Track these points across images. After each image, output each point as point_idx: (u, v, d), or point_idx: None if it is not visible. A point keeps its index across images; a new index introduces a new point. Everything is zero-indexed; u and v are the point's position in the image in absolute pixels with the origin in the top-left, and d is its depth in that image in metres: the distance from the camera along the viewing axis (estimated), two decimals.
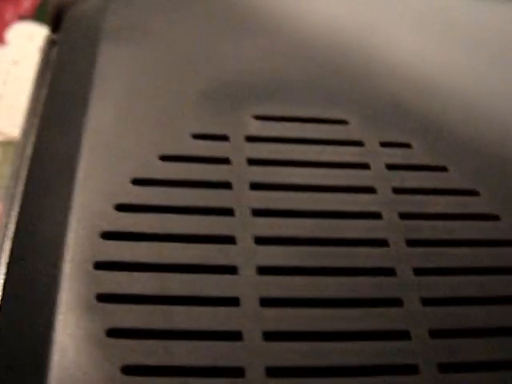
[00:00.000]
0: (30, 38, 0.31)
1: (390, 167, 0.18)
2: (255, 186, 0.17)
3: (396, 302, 0.15)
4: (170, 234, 0.15)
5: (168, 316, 0.14)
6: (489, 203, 0.17)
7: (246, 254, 0.15)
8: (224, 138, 0.17)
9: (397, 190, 0.17)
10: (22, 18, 0.32)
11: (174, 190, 0.16)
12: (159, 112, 0.18)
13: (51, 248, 0.15)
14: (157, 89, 0.19)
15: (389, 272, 0.15)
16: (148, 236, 0.15)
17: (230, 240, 0.15)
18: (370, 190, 0.17)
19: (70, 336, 0.13)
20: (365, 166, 0.17)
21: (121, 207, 0.16)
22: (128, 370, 0.13)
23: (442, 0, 0.24)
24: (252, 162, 0.17)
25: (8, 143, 0.27)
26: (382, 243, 0.16)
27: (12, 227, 0.17)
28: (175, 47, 0.20)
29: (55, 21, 0.23)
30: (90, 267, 0.15)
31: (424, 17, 0.23)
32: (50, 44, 0.23)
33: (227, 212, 0.16)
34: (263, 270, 0.15)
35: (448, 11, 0.24)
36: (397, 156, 0.18)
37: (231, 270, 0.15)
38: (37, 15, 0.32)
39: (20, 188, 0.18)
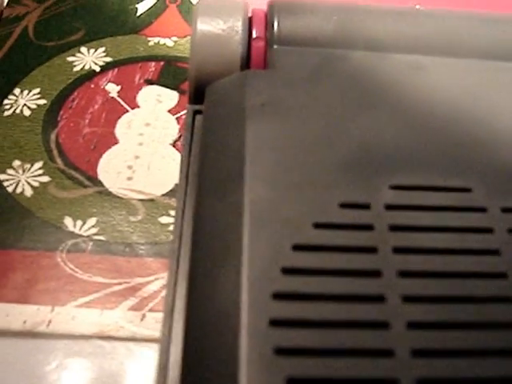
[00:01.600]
0: (158, 101, 0.34)
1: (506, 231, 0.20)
2: (397, 250, 0.19)
3: None
4: (327, 294, 0.18)
5: (330, 367, 0.17)
6: None
7: (395, 311, 0.18)
8: (366, 206, 0.20)
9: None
10: (149, 81, 0.35)
11: (328, 255, 0.19)
12: (308, 182, 0.21)
13: (228, 312, 0.18)
14: (303, 160, 0.21)
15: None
16: (309, 296, 0.18)
17: (379, 298, 0.18)
18: (495, 253, 0.19)
19: None
20: (488, 231, 0.20)
21: (285, 270, 0.18)
22: None
23: None
24: (392, 228, 0.20)
25: (150, 201, 0.30)
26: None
27: (182, 290, 0.20)
28: (316, 120, 0.23)
29: (195, 94, 0.26)
30: (265, 325, 0.17)
31: None
32: (193, 115, 0.26)
33: (375, 273, 0.18)
34: (412, 325, 0.17)
35: None
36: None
37: (383, 325, 0.18)
38: (162, 79, 0.36)
39: (185, 252, 0.21)
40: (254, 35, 0.27)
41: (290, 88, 0.24)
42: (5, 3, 0.42)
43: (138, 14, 0.40)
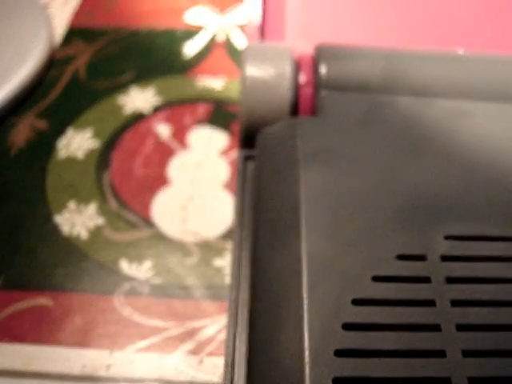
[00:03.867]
0: (208, 142, 0.35)
1: None
2: (455, 303, 0.19)
3: None
4: (388, 349, 0.18)
5: None
6: None
7: (455, 367, 0.18)
8: (423, 258, 0.20)
9: None
10: (199, 122, 0.36)
11: (387, 309, 0.19)
12: (364, 234, 0.21)
13: (291, 369, 0.18)
14: (358, 211, 0.22)
15: None
16: (371, 352, 0.18)
17: (439, 353, 0.18)
18: None
19: None
20: None
21: (346, 326, 0.19)
22: None
23: None
24: (449, 280, 0.20)
25: (205, 243, 0.30)
26: None
27: (242, 344, 0.20)
28: (367, 168, 0.23)
29: (245, 139, 0.27)
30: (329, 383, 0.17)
31: None
32: (244, 160, 0.26)
33: (435, 327, 0.19)
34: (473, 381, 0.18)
35: None
36: None
37: (445, 380, 0.18)
38: (211, 120, 0.36)
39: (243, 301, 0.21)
40: (302, 80, 0.27)
41: (340, 135, 0.24)
42: (56, 44, 0.43)
43: (186, 55, 0.41)
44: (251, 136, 0.26)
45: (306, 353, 0.18)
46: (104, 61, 0.41)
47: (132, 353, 0.26)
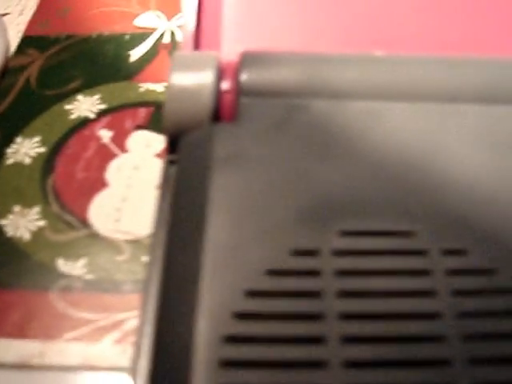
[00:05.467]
0: (147, 145, 0.37)
1: (449, 272, 0.22)
2: (341, 294, 0.21)
3: None
4: (275, 337, 0.20)
5: None
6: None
7: (334, 351, 0.20)
8: (315, 252, 0.22)
9: (454, 292, 0.21)
10: (139, 127, 0.38)
11: (277, 300, 0.21)
12: (264, 231, 0.23)
13: (183, 351, 0.20)
14: (262, 210, 0.23)
15: (444, 363, 0.20)
16: (259, 339, 0.20)
17: (319, 340, 0.20)
18: (432, 293, 0.21)
19: None
20: (428, 273, 0.22)
21: (236, 315, 0.20)
22: None
23: (501, 109, 0.28)
24: (338, 272, 0.22)
25: (135, 241, 0.32)
26: (441, 338, 0.20)
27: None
28: (276, 170, 0.25)
29: (170, 144, 0.29)
30: (215, 364, 0.19)
31: (484, 129, 0.27)
32: (168, 164, 0.28)
33: (319, 316, 0.20)
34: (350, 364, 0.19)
35: (506, 120, 0.28)
36: (454, 262, 0.22)
37: (320, 364, 0.20)
38: (151, 123, 0.38)
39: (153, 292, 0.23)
40: (225, 88, 0.29)
41: (252, 140, 0.26)
42: (10, 53, 0.45)
43: (131, 60, 0.42)
44: (176, 141, 0.28)
45: (195, 337, 0.19)
46: (54, 68, 0.43)
47: (63, 342, 0.28)
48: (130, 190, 0.34)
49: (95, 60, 0.43)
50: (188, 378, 0.19)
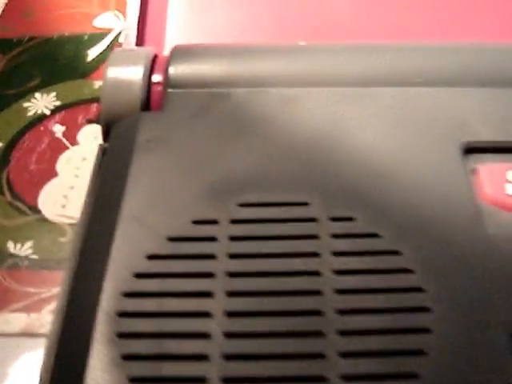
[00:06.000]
0: (95, 138, 0.40)
1: (334, 236, 0.24)
2: (233, 256, 0.23)
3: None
4: (171, 292, 0.23)
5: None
6: (407, 261, 0.23)
7: (221, 303, 0.22)
8: (215, 222, 0.25)
9: (335, 253, 0.24)
10: (89, 121, 0.41)
11: (177, 262, 0.23)
12: (171, 203, 0.25)
13: (88, 304, 0.22)
14: (172, 185, 0.26)
15: (319, 313, 0.22)
16: (156, 294, 0.22)
17: (208, 294, 0.22)
18: (317, 254, 0.24)
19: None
20: (315, 237, 0.24)
21: (138, 275, 0.23)
22: None
23: (408, 92, 0.30)
24: (234, 238, 0.24)
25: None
26: (319, 293, 0.23)
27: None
28: (190, 153, 0.27)
29: (105, 133, 0.31)
30: (115, 315, 0.22)
31: (388, 110, 0.30)
32: (101, 151, 0.31)
33: (210, 275, 0.23)
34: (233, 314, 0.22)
35: (410, 102, 0.30)
36: (341, 227, 0.25)
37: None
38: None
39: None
40: (155, 80, 0.31)
41: (174, 126, 0.29)
42: None
43: (89, 59, 0.45)
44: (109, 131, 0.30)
45: (101, 293, 0.22)
46: (16, 69, 0.46)
47: (8, 313, 0.31)
48: (78, 179, 0.36)
49: (55, 60, 0.46)
50: (92, 326, 0.22)
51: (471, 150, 0.27)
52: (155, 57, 0.32)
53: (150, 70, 0.31)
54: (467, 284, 0.23)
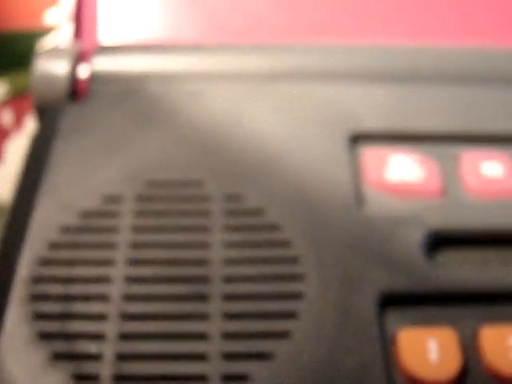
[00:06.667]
0: None
1: (223, 211, 0.27)
2: (136, 229, 0.27)
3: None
4: (79, 260, 0.26)
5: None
6: (287, 234, 0.27)
7: (122, 270, 0.26)
8: (120, 197, 0.28)
9: (223, 227, 0.27)
10: None
11: (85, 234, 0.27)
12: (83, 181, 0.28)
13: (8, 268, 0.26)
14: (86, 166, 0.29)
15: (205, 280, 0.26)
16: (65, 262, 0.26)
17: (111, 262, 0.26)
18: (207, 229, 0.27)
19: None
20: (207, 213, 0.28)
21: (51, 245, 0.26)
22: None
23: (304, 86, 0.34)
24: (137, 213, 0.27)
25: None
26: (205, 262, 0.26)
27: None
28: (105, 138, 0.30)
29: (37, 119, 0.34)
30: (29, 280, 0.25)
31: (284, 103, 0.33)
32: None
33: (113, 245, 0.26)
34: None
35: (305, 96, 0.33)
36: (229, 204, 0.28)
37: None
38: None
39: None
40: (79, 74, 0.35)
41: (94, 115, 0.32)
42: None
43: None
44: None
45: (19, 258, 0.25)
46: None
47: None
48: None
49: (6, 53, 0.49)
50: (9, 289, 0.25)
51: (358, 137, 0.31)
52: (82, 52, 0.35)
53: (76, 65, 0.34)
54: (342, 255, 0.26)
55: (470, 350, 0.23)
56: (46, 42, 0.49)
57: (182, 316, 0.24)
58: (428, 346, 0.23)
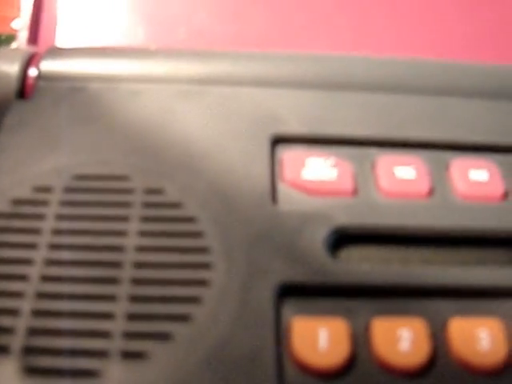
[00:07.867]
0: None
1: (144, 204, 0.29)
2: (60, 217, 0.29)
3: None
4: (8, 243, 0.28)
5: None
6: (201, 225, 0.29)
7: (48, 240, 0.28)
8: (50, 189, 0.30)
9: (142, 219, 0.29)
10: None
11: (16, 221, 0.29)
12: (22, 172, 0.31)
13: None
14: (26, 159, 0.31)
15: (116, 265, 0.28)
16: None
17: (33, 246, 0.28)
18: (127, 219, 0.29)
19: None
20: (129, 205, 0.29)
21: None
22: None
23: (234, 90, 0.35)
24: (63, 203, 0.29)
25: None
26: (122, 248, 0.28)
27: None
28: (45, 134, 0.33)
29: None
30: None
31: (213, 105, 0.34)
32: None
33: (37, 230, 0.28)
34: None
35: (234, 100, 0.35)
36: (149, 195, 0.29)
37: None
38: None
39: None
40: (28, 74, 0.37)
41: (37, 112, 0.34)
42: None
43: None
44: None
45: None
46: None
47: None
48: None
49: None
50: None
51: (279, 139, 0.33)
52: (34, 54, 0.38)
53: (26, 66, 0.37)
54: (250, 247, 0.28)
55: (361, 340, 0.25)
56: (11, 48, 0.51)
57: (91, 297, 0.25)
58: (318, 335, 0.25)
